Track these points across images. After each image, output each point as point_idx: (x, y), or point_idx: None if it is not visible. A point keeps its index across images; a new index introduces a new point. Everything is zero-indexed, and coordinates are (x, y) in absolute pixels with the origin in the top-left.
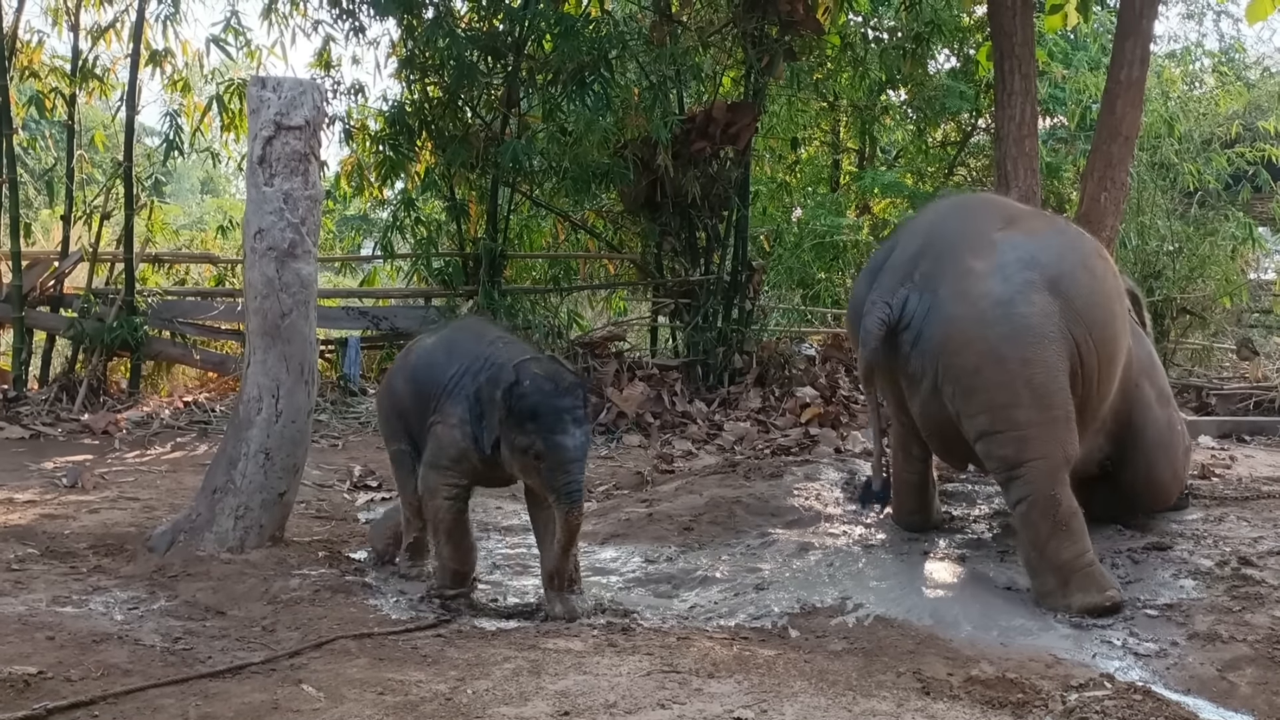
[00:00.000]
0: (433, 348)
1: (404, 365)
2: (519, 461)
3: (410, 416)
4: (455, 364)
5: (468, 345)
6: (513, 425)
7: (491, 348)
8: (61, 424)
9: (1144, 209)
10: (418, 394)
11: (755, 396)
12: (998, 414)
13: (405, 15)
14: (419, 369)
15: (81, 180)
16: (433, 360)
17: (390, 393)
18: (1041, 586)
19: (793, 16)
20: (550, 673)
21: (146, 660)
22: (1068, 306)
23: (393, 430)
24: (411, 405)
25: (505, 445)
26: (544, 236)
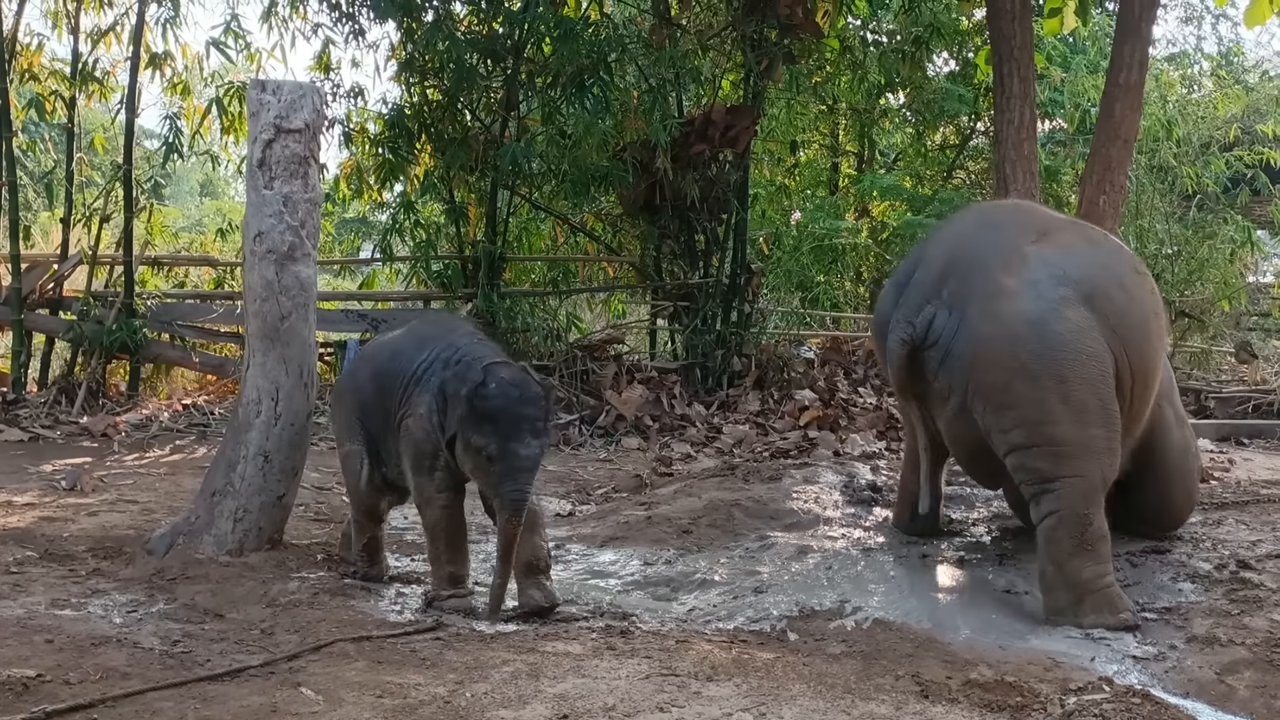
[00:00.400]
0: (400, 339)
1: (369, 358)
2: (471, 460)
3: (372, 412)
4: (424, 352)
5: (438, 334)
6: (472, 424)
7: (463, 340)
8: (60, 427)
9: (1143, 212)
10: (382, 388)
11: (754, 399)
12: (1032, 430)
13: (405, 18)
14: (385, 360)
15: (81, 183)
16: (400, 349)
17: (353, 389)
18: (1054, 602)
19: (792, 20)
20: (549, 676)
21: (145, 663)
22: (1104, 323)
23: (349, 428)
24: (374, 399)
25: (460, 441)
26: (543, 239)
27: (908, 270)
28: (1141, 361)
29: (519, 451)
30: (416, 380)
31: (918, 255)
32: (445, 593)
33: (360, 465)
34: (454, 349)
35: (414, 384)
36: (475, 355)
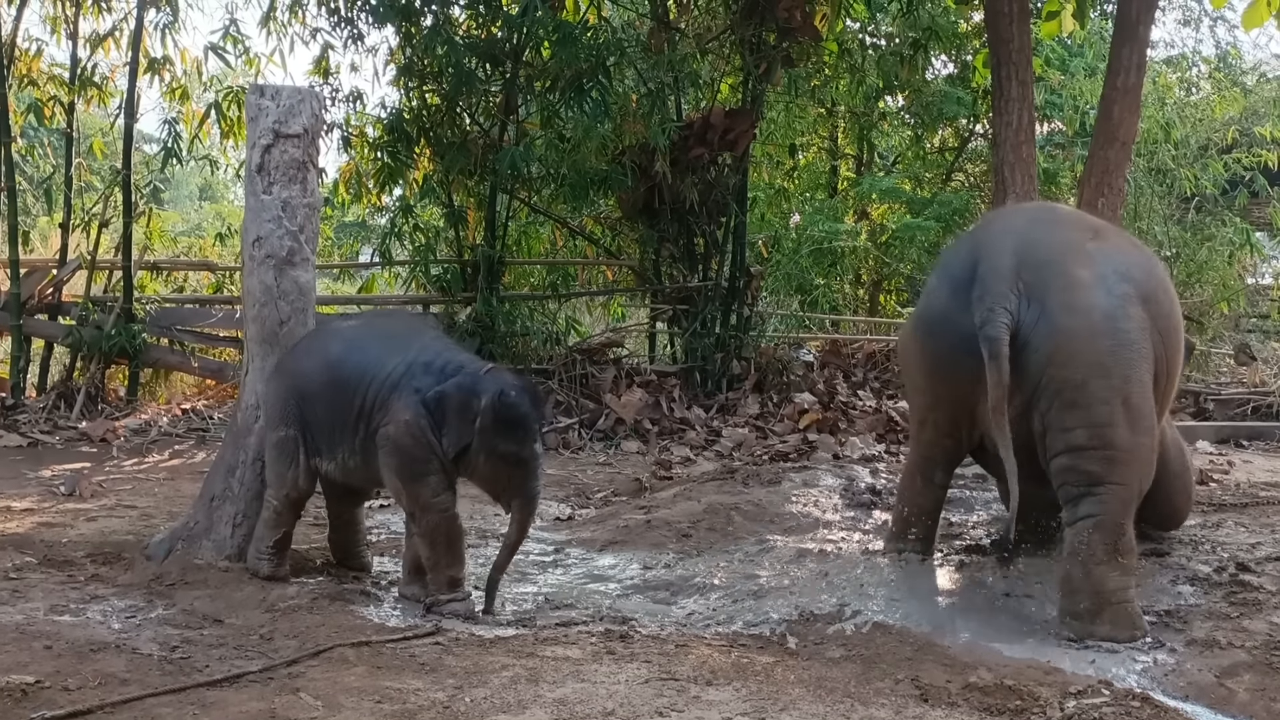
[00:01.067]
0: (358, 334)
1: (318, 348)
2: (491, 468)
3: (316, 403)
4: (396, 355)
5: (404, 336)
6: (497, 433)
7: (436, 345)
8: (59, 432)
9: (1141, 214)
10: (336, 382)
11: (753, 403)
12: (1095, 431)
13: (404, 23)
14: (340, 353)
15: (80, 188)
16: (360, 346)
17: (294, 373)
18: (1072, 606)
19: (790, 23)
20: (548, 680)
21: (144, 669)
22: (1154, 325)
23: (284, 413)
24: (322, 391)
25: (482, 450)
26: (542, 243)
27: (962, 267)
28: (1172, 369)
29: (539, 452)
30: (392, 385)
31: (971, 250)
32: (444, 597)
33: (295, 452)
34: (432, 354)
35: (389, 389)
36: (464, 363)
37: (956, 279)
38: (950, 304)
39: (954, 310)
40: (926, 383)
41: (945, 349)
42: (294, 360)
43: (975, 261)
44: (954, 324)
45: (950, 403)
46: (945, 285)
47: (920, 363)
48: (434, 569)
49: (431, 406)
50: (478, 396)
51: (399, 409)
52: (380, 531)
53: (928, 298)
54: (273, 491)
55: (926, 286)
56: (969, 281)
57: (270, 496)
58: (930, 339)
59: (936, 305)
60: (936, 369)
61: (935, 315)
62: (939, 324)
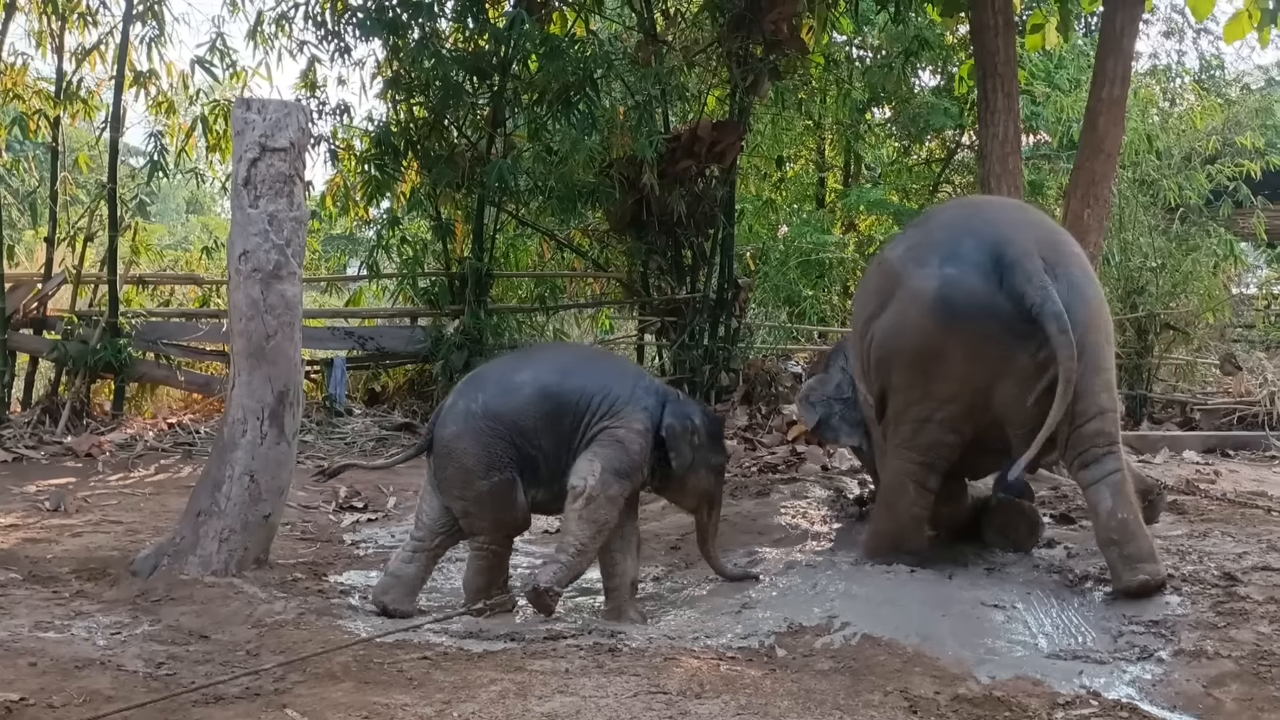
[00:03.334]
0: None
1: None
2: (704, 481)
3: (540, 436)
4: (618, 381)
5: (618, 366)
6: (711, 448)
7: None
8: (44, 447)
9: (1126, 225)
10: (560, 409)
11: (742, 414)
12: (1110, 393)
13: (391, 36)
14: (557, 382)
15: (65, 202)
16: (575, 373)
17: (504, 414)
18: (1139, 550)
19: (777, 36)
20: (537, 694)
21: (129, 686)
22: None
23: (494, 457)
24: (545, 422)
25: (703, 466)
26: (530, 255)
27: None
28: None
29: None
30: (625, 402)
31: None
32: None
33: (514, 493)
34: (646, 379)
35: (622, 404)
36: (667, 390)
37: (978, 264)
38: (981, 287)
39: (986, 293)
40: (951, 370)
41: (980, 331)
42: (499, 401)
43: (993, 248)
44: (989, 306)
45: (973, 390)
46: (966, 271)
47: (944, 349)
48: (582, 553)
49: (666, 436)
50: (692, 420)
51: (633, 418)
52: (367, 546)
53: (944, 285)
54: (487, 538)
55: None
56: (993, 266)
57: (486, 542)
58: (961, 321)
59: (961, 290)
60: (968, 352)
61: (963, 299)
62: (970, 307)
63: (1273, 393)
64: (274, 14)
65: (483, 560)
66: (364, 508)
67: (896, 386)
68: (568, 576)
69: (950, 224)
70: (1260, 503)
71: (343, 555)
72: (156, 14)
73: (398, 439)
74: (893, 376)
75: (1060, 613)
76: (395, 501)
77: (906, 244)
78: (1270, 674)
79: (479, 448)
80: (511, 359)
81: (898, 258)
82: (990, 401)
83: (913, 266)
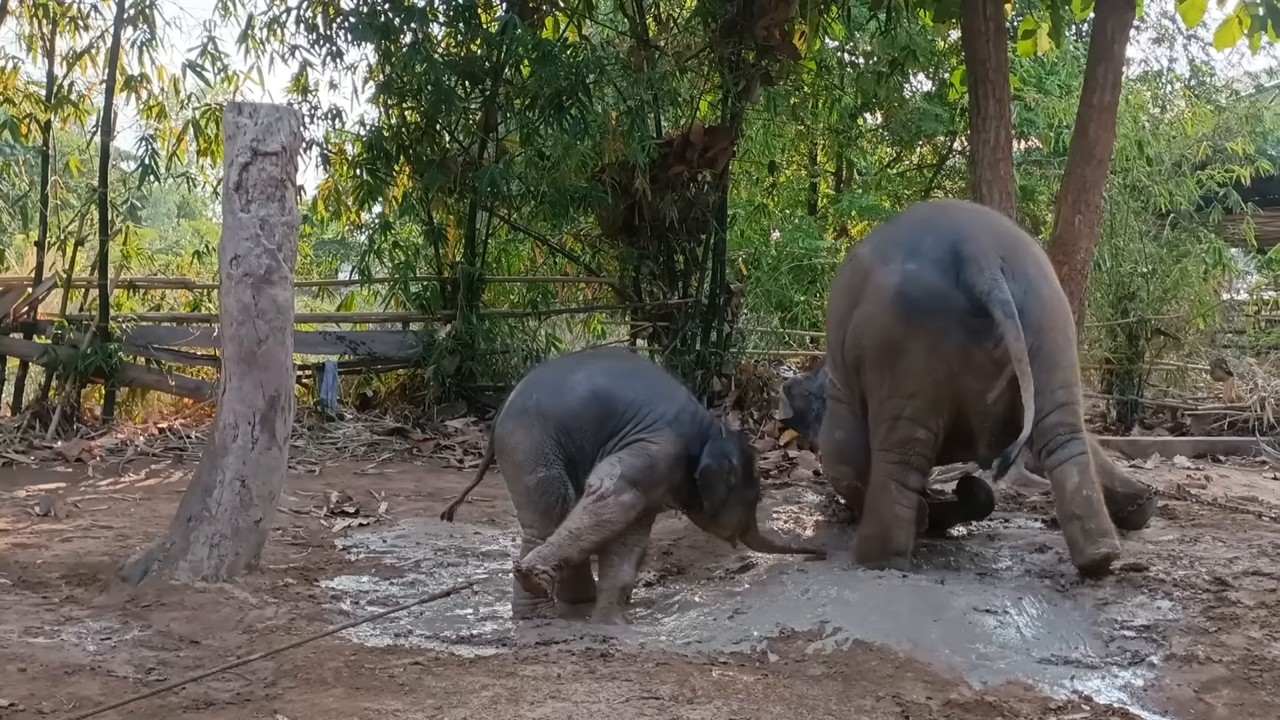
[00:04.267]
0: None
1: (577, 382)
2: (737, 515)
3: (583, 436)
4: (665, 399)
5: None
6: (746, 483)
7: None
8: (34, 452)
9: (1118, 231)
10: (606, 413)
11: (734, 419)
12: (1071, 389)
13: (383, 40)
14: (609, 387)
15: (56, 205)
16: (631, 383)
17: (555, 411)
18: (1103, 526)
19: (769, 42)
20: (528, 700)
21: (119, 692)
22: None
23: (543, 453)
24: (590, 424)
25: (738, 501)
26: (522, 260)
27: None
28: None
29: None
30: (667, 421)
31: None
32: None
33: (563, 489)
34: (694, 405)
35: (662, 422)
36: (709, 419)
37: (937, 260)
38: (939, 282)
39: (943, 288)
40: (912, 364)
41: (936, 324)
42: (552, 400)
43: (952, 245)
44: (945, 300)
45: (935, 383)
46: (925, 267)
47: (905, 344)
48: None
49: (700, 478)
50: (730, 460)
51: (669, 437)
52: (359, 551)
53: (904, 281)
54: (536, 531)
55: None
56: (951, 262)
57: (533, 535)
58: (919, 315)
59: (919, 285)
60: (927, 346)
61: (920, 294)
62: (928, 301)
63: (1263, 398)
64: (266, 18)
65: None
66: (355, 513)
67: (869, 385)
68: (554, 556)
69: (915, 222)
70: (1251, 508)
71: (334, 560)
72: (148, 18)
73: (389, 444)
74: (864, 374)
75: (1052, 618)
76: (386, 507)
77: (874, 242)
78: (1261, 679)
79: (529, 444)
80: (571, 360)
81: (866, 255)
82: (957, 393)
83: (878, 263)
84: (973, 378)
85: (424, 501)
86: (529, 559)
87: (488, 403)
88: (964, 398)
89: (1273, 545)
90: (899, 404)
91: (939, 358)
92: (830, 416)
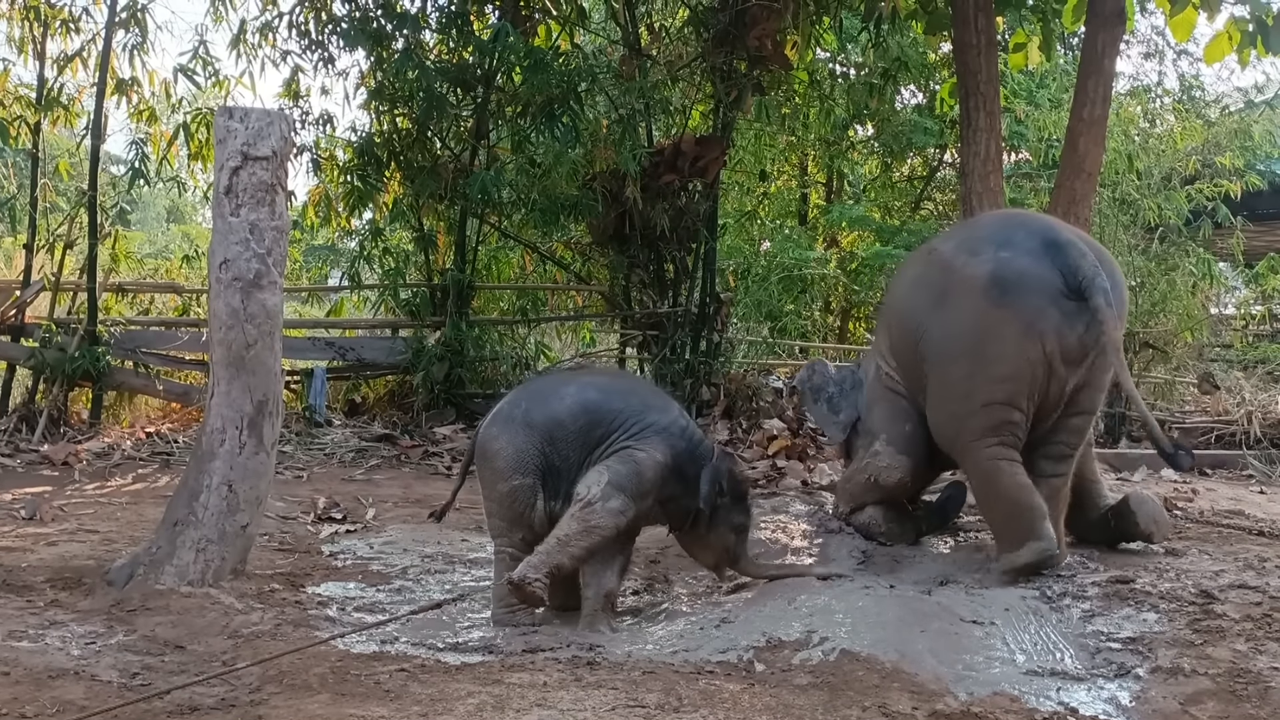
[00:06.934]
0: (614, 385)
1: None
2: (724, 538)
3: (567, 446)
4: (658, 411)
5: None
6: (734, 507)
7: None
8: (20, 455)
9: (1107, 244)
10: (593, 423)
11: (723, 429)
12: (1105, 391)
13: (374, 47)
14: (598, 400)
15: (45, 208)
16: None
17: (541, 422)
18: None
19: (761, 52)
20: (514, 708)
21: (103, 696)
22: None
23: (522, 462)
24: (576, 435)
25: (723, 520)
26: (512, 268)
27: (1026, 239)
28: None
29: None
30: (658, 431)
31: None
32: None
33: (532, 498)
34: (686, 420)
35: (651, 432)
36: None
37: (1030, 250)
38: (1034, 266)
39: (1038, 269)
40: (1005, 349)
41: (1033, 303)
42: (539, 409)
43: (1044, 235)
44: (1040, 280)
45: (1030, 364)
46: (1019, 254)
47: (999, 328)
48: (563, 546)
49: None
50: (720, 484)
51: (657, 445)
52: (345, 557)
53: (998, 267)
54: (505, 540)
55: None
56: (1044, 251)
57: (503, 545)
58: (1014, 297)
59: (1014, 269)
60: (1022, 327)
61: (1015, 276)
62: (1024, 282)
63: (1250, 412)
64: (257, 23)
65: (501, 565)
66: (342, 519)
67: (952, 379)
68: (544, 565)
69: (998, 221)
70: (1237, 521)
71: (320, 566)
72: (139, 21)
73: (377, 450)
74: (946, 367)
75: (1038, 629)
76: (374, 513)
77: (956, 239)
78: (1246, 692)
79: (511, 450)
80: (564, 374)
81: (949, 251)
82: (1050, 375)
83: (966, 256)
84: (1061, 360)
85: (411, 508)
86: (520, 570)
87: (476, 410)
88: (1049, 381)
89: (1258, 558)
90: (991, 390)
91: (1034, 338)
92: (894, 411)
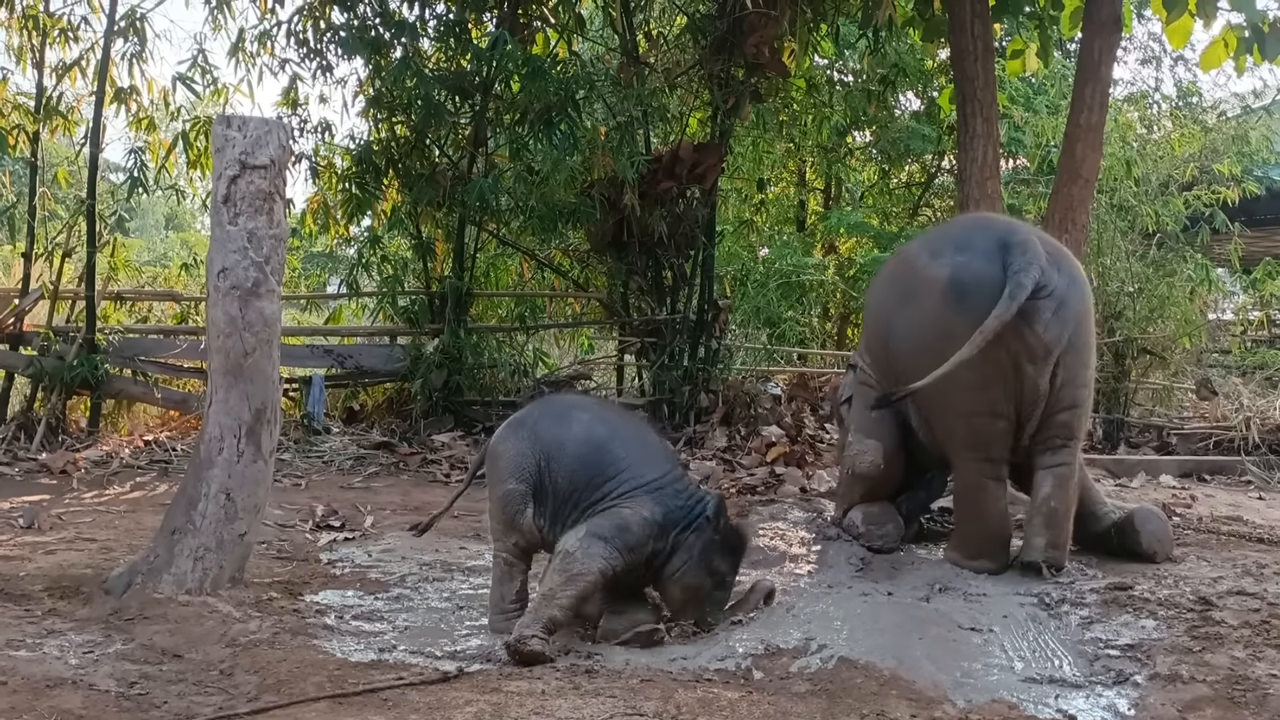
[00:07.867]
0: (624, 429)
1: (579, 420)
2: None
3: (559, 471)
4: (655, 468)
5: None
6: (719, 556)
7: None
8: (19, 463)
9: (1104, 250)
10: (591, 463)
11: (721, 435)
12: (1089, 389)
13: (373, 55)
14: (604, 439)
15: (44, 217)
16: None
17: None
18: (1055, 539)
19: (759, 59)
20: (512, 716)
21: (101, 706)
22: None
23: (520, 468)
24: (572, 464)
25: (699, 564)
26: (510, 275)
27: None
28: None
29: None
30: (649, 490)
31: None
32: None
33: (524, 504)
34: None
35: (643, 490)
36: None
37: (985, 251)
38: (988, 268)
39: (995, 273)
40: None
41: (988, 309)
42: (548, 425)
43: (1000, 237)
44: (997, 284)
45: (999, 368)
46: (975, 257)
47: (964, 332)
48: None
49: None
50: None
51: (645, 503)
52: (344, 565)
53: (956, 270)
54: (500, 544)
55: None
56: (998, 252)
57: (499, 550)
58: (972, 302)
59: (970, 272)
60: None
61: (973, 280)
62: (980, 288)
63: (1248, 418)
64: (256, 32)
65: (496, 570)
66: (341, 526)
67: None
68: (537, 622)
69: (965, 224)
70: (1236, 528)
71: (319, 574)
72: (138, 30)
73: (375, 457)
74: (916, 367)
75: (1036, 636)
76: (372, 521)
77: (923, 241)
78: (1245, 698)
79: (514, 453)
80: (587, 400)
81: (914, 251)
82: (1020, 373)
83: (928, 258)
84: (1027, 359)
85: (410, 516)
86: (515, 631)
87: (474, 417)
88: (1020, 381)
89: (1257, 565)
90: (968, 399)
91: (995, 342)
92: (865, 402)
